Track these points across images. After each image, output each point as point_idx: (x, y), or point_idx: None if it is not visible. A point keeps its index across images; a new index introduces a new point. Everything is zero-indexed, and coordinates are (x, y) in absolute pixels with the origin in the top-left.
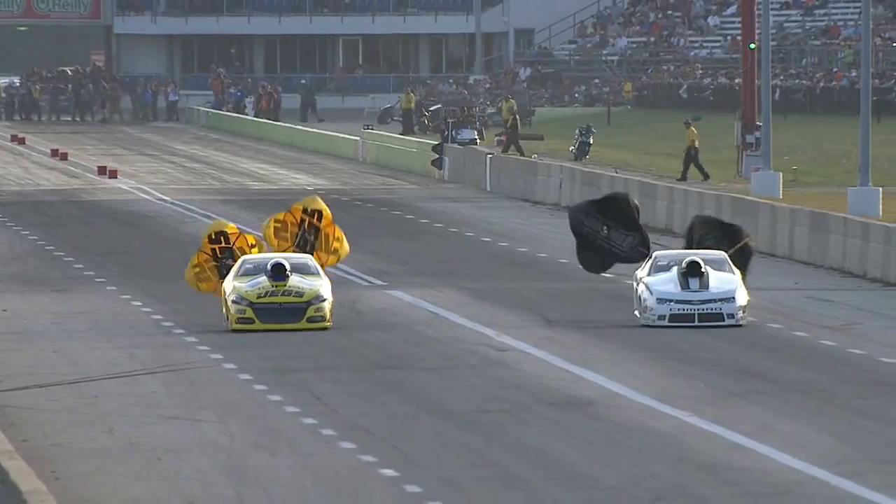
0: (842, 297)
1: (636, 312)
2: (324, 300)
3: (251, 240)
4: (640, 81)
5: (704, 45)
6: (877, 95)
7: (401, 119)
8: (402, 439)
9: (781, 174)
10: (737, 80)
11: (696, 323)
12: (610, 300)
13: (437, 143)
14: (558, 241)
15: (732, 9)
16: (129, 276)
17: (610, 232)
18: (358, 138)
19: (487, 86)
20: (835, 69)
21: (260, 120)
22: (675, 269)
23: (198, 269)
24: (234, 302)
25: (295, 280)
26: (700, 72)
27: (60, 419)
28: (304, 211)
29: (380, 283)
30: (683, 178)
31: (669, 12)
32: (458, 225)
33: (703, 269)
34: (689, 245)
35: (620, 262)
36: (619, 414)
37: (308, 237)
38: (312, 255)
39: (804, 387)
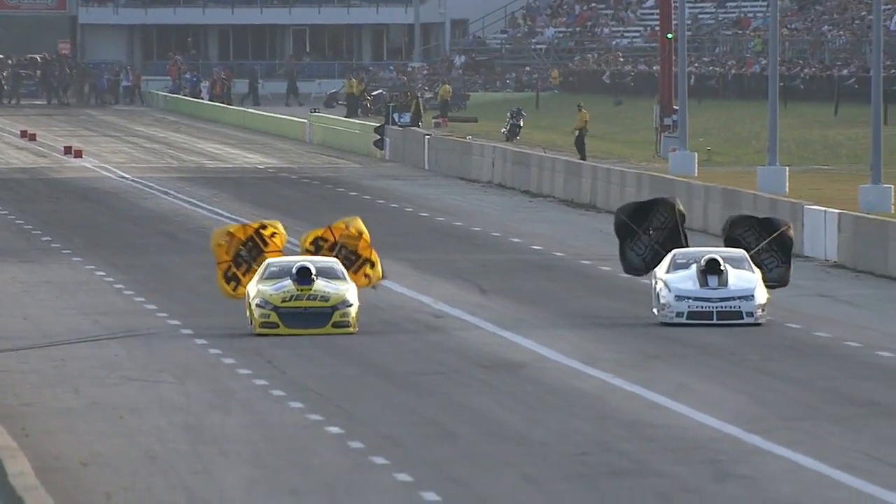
0: None
1: (654, 310)
2: (350, 305)
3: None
4: (566, 68)
5: (625, 34)
6: (784, 82)
7: (345, 103)
8: (347, 399)
9: (696, 154)
10: (655, 68)
11: (715, 321)
12: (540, 270)
13: (378, 125)
14: (492, 216)
15: (651, 1)
16: (93, 248)
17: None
18: (305, 121)
19: (425, 72)
20: (746, 56)
21: (214, 103)
22: (694, 266)
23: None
24: (258, 306)
25: (320, 284)
26: (621, 59)
27: (30, 380)
28: (346, 231)
29: None
30: (583, 155)
31: (593, 4)
32: (398, 201)
33: (722, 267)
34: (728, 243)
35: (625, 263)
36: (547, 376)
37: (344, 258)
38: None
39: (718, 350)
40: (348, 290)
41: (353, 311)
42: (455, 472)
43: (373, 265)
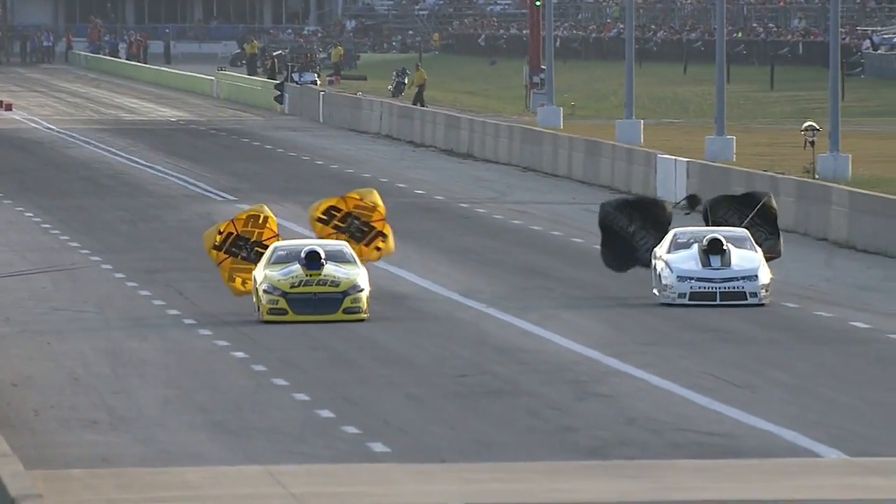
0: None
1: (654, 290)
2: (361, 290)
3: (243, 216)
4: (446, 32)
5: (499, 2)
6: (639, 44)
7: (246, 63)
8: (251, 327)
9: (562, 109)
10: (525, 31)
11: (718, 301)
12: (423, 212)
13: (279, 82)
14: (380, 164)
15: None
16: (23, 192)
17: (636, 231)
18: (213, 78)
19: (320, 35)
20: (606, 21)
21: (130, 62)
22: (695, 246)
23: (236, 278)
24: (265, 291)
25: (330, 269)
26: (495, 24)
27: None
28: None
29: (231, 198)
30: (415, 103)
31: None
32: (296, 150)
33: (724, 247)
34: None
35: (641, 265)
36: (429, 306)
37: (356, 230)
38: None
39: (580, 283)
40: (359, 274)
41: (364, 296)
42: (347, 392)
43: (385, 238)
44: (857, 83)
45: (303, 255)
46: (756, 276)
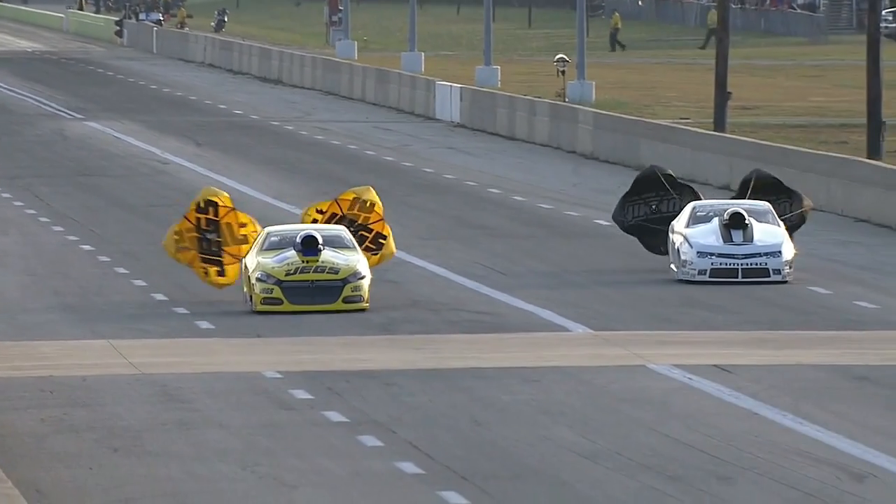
0: (397, 126)
1: (672, 266)
2: (361, 277)
3: (243, 218)
4: None
5: None
6: None
7: (93, 1)
8: (97, 225)
9: (356, 43)
10: None
11: (740, 278)
12: (241, 129)
13: (119, 18)
14: (204, 88)
15: None
16: None
17: (659, 205)
18: (63, 15)
19: None
20: None
21: None
22: (716, 220)
23: (177, 237)
24: (258, 280)
25: (328, 255)
26: None
27: None
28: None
29: (80, 116)
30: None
31: None
32: (134, 76)
33: (746, 221)
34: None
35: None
36: (244, 208)
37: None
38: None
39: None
40: (359, 261)
41: (365, 283)
42: (178, 279)
43: (384, 239)
44: (599, 22)
45: (299, 239)
46: (780, 251)
